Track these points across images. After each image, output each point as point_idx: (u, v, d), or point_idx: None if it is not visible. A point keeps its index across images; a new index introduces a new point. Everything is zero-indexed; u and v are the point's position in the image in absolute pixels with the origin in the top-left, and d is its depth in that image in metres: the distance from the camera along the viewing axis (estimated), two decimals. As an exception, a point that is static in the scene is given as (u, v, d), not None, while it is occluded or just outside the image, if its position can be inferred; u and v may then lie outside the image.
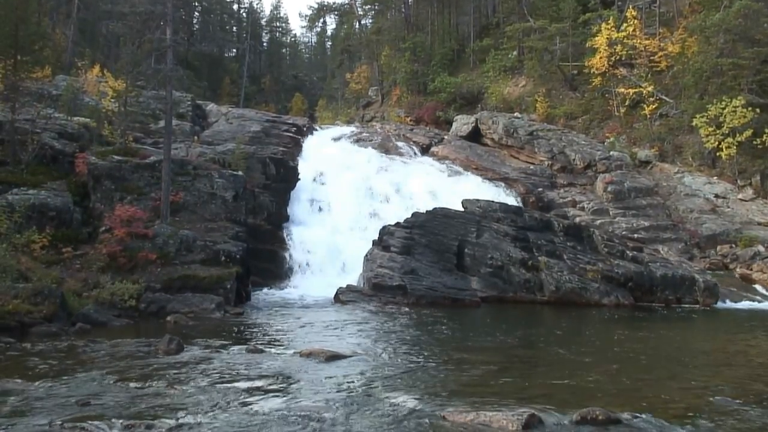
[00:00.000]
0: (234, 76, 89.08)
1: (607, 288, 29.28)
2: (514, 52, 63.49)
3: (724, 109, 40.56)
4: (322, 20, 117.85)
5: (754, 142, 40.05)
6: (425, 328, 21.25)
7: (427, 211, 32.43)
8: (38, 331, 18.48)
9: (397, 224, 31.59)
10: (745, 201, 40.08)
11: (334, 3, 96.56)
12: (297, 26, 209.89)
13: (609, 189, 40.90)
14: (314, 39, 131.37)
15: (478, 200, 34.00)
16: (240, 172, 32.14)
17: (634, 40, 51.31)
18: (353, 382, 13.26)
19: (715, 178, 42.09)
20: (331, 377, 13.58)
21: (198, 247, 26.01)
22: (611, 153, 44.71)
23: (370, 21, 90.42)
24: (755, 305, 30.34)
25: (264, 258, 32.10)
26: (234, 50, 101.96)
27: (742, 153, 41.04)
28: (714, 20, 44.15)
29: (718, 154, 41.73)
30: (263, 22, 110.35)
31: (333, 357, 15.52)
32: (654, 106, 47.38)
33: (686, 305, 29.52)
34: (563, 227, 32.35)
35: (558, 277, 29.18)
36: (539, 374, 15.07)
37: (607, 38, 51.69)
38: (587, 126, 51.63)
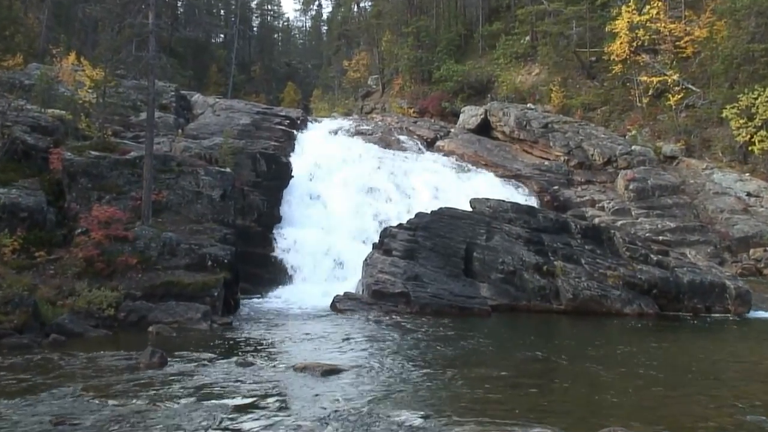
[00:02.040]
0: (221, 64, 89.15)
1: (630, 295, 29.22)
2: (527, 38, 63.53)
3: (756, 99, 40.51)
4: (317, 2, 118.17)
5: (790, 136, 40.06)
6: (430, 340, 21.21)
7: (432, 212, 32.40)
8: (8, 343, 18.43)
9: (400, 226, 31.59)
10: (781, 200, 40.06)
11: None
12: (290, 9, 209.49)
13: (631, 187, 40.86)
14: (309, 23, 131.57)
15: (487, 199, 33.96)
16: (228, 169, 32.12)
17: (658, 24, 51.30)
18: (352, 398, 13.23)
19: (748, 174, 42.02)
20: (327, 393, 13.55)
21: (182, 251, 25.98)
22: (633, 147, 44.66)
23: (370, 3, 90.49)
24: (791, 314, 30.31)
25: (254, 263, 32.09)
26: (221, 36, 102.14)
27: (776, 147, 41.01)
28: (745, 2, 44.13)
29: (750, 148, 41.68)
30: (253, 4, 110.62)
31: (330, 371, 15.49)
32: (680, 96, 47.33)
33: (716, 314, 29.45)
34: (581, 229, 32.31)
35: (575, 284, 29.13)
36: (555, 390, 15.04)
37: (628, 22, 51.66)
38: (607, 118, 51.63)
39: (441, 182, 40.84)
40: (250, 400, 12.96)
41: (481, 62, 65.90)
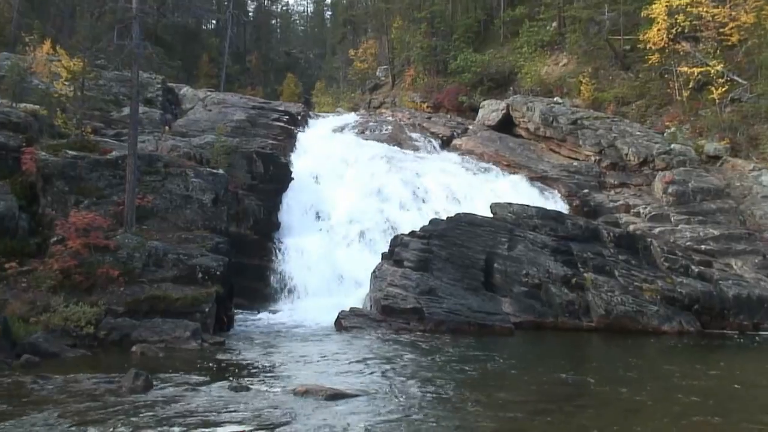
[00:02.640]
0: (213, 54, 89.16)
1: (668, 311, 29.17)
2: (554, 24, 63.51)
3: (810, 92, 40.39)
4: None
5: None
6: (446, 361, 21.19)
7: (448, 218, 32.43)
8: (-25, 364, 18.48)
9: (412, 233, 31.62)
10: (838, 205, 39.86)
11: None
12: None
13: (669, 190, 40.72)
14: (311, 8, 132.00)
15: (510, 204, 33.97)
16: (221, 171, 32.17)
17: (700, 9, 51.13)
18: (360, 426, 13.22)
19: (800, 176, 41.88)
20: (332, 420, 13.54)
21: (170, 262, 26.00)
22: (672, 146, 44.51)
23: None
24: None
25: (250, 275, 32.14)
26: (213, 22, 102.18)
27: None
28: (798, -17, 44.02)
29: (803, 147, 41.55)
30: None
31: (335, 395, 15.47)
32: (724, 89, 47.14)
33: (765, 332, 29.38)
34: (614, 237, 32.28)
35: (608, 298, 29.09)
36: (587, 417, 14.99)
37: (667, 6, 51.52)
38: (642, 113, 51.47)
39: (458, 185, 40.79)
40: (245, 428, 12.95)
41: (502, 51, 65.86)
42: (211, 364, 20.03)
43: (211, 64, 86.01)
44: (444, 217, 32.87)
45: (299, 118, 49.35)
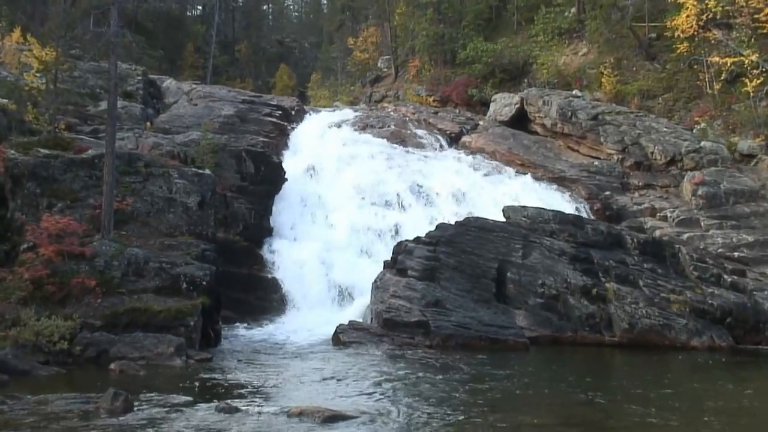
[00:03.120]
0: (199, 43, 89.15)
1: (698, 325, 29.13)
2: (572, 10, 63.47)
3: None
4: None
5: None
6: (455, 379, 21.18)
7: (456, 223, 32.44)
8: (-63, 383, 18.49)
9: (417, 240, 31.62)
10: None
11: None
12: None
13: (699, 192, 40.66)
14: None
15: (524, 207, 33.95)
16: (207, 171, 32.19)
17: (733, -7, 51.19)
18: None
19: (843, 177, 41.86)
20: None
21: (151, 271, 26.00)
22: (702, 144, 44.48)
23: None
24: None
25: (239, 285, 32.12)
26: (199, 8, 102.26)
27: None
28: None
29: None
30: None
31: (332, 417, 15.47)
32: (759, 81, 47.05)
33: (804, 348, 29.40)
34: (638, 243, 32.26)
35: (632, 311, 29.07)
36: (609, 442, 14.99)
37: (697, -10, 51.58)
38: (670, 108, 51.45)
39: (467, 186, 40.77)
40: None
41: (516, 40, 65.77)
42: (196, 383, 20.03)
43: (197, 54, 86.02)
44: (452, 222, 32.86)
45: (293, 113, 49.33)
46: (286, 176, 37.92)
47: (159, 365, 22.33)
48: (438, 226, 32.50)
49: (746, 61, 47.51)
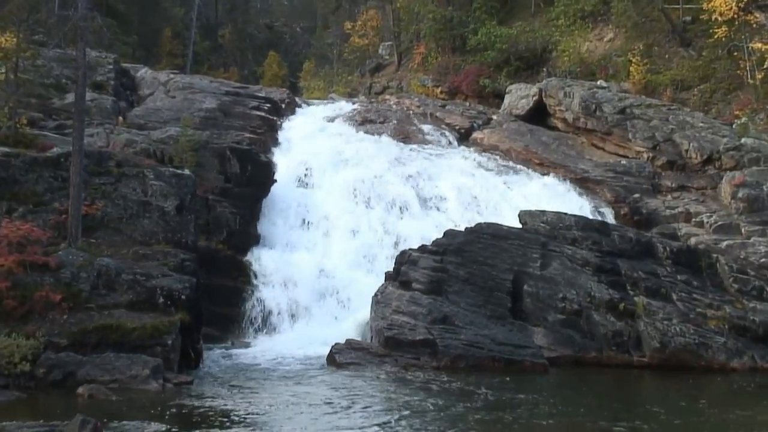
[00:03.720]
0: (178, 28, 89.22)
1: (738, 344, 29.12)
2: (597, -10, 63.54)
3: None
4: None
5: None
6: (467, 407, 21.15)
7: (467, 229, 32.44)
8: None
9: (423, 248, 31.60)
10: None
11: None
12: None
13: (740, 194, 40.60)
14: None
15: (543, 212, 33.95)
16: (187, 171, 32.17)
17: (777, -29, 51.22)
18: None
19: None
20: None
21: (124, 284, 25.94)
22: (743, 140, 44.42)
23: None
24: None
25: (222, 299, 32.16)
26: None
27: None
28: None
29: None
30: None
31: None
32: (807, 70, 47.22)
33: None
34: (671, 252, 32.27)
35: (664, 328, 29.06)
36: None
37: (736, -32, 51.61)
38: (707, 100, 51.45)
39: (479, 188, 40.80)
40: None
41: (533, 24, 65.75)
42: (174, 410, 20.02)
43: (176, 41, 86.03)
44: (462, 228, 32.85)
45: (284, 106, 49.41)
46: (275, 177, 37.96)
47: (132, 389, 22.26)
48: (446, 233, 32.47)
49: (792, 48, 47.55)
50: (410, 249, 31.93)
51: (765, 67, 49.01)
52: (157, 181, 30.34)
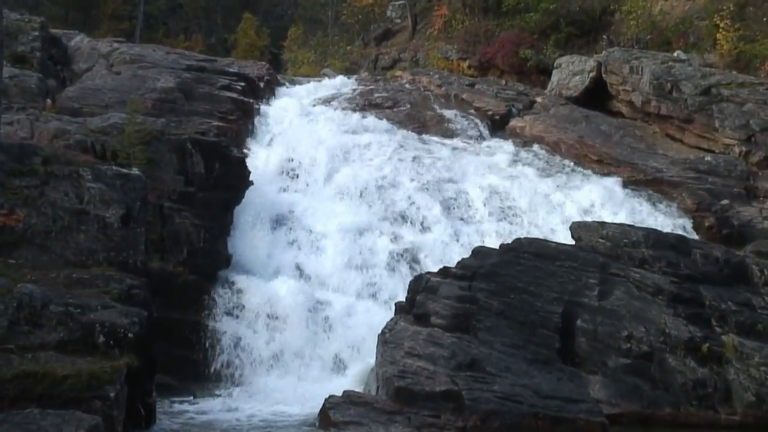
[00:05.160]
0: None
1: None
2: (673, -68, 63.72)
3: None
4: None
5: None
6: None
7: (502, 247, 32.37)
8: None
9: (445, 272, 31.50)
10: None
11: None
12: None
13: None
14: None
15: (602, 225, 33.90)
16: (135, 170, 32.23)
17: None
18: None
19: None
20: None
21: (53, 318, 25.88)
22: None
23: None
24: None
25: (183, 339, 32.22)
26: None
27: None
28: None
29: None
30: None
31: None
32: None
33: None
34: (771, 277, 32.32)
35: (761, 377, 29.04)
36: None
37: None
38: (816, 78, 51.57)
39: (517, 193, 40.86)
40: None
41: (589, -22, 66.06)
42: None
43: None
44: (495, 246, 32.85)
45: (262, 85, 49.60)
46: (251, 179, 37.93)
47: (63, 457, 22.39)
48: (475, 252, 32.38)
49: None
50: (428, 273, 31.88)
51: None
52: (97, 183, 30.34)
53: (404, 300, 31.24)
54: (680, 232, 37.63)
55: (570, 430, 27.01)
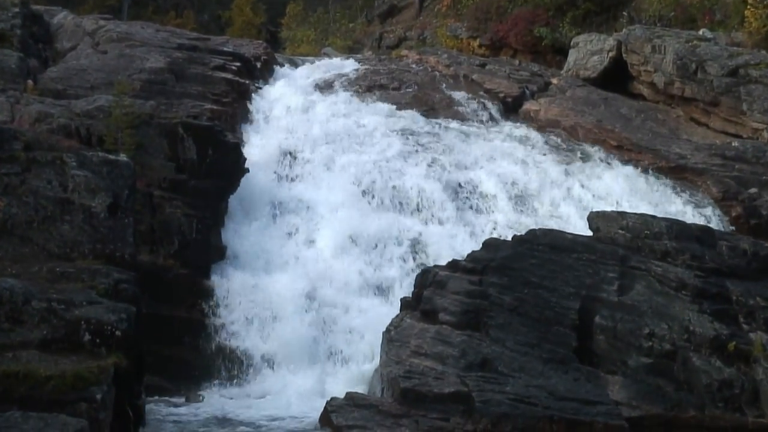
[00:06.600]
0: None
1: None
2: None
3: None
4: None
5: None
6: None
7: (515, 238, 32.32)
8: None
9: (454, 265, 31.50)
10: None
11: None
12: None
13: None
14: None
15: (622, 215, 33.83)
16: (123, 157, 32.26)
17: None
18: None
19: None
20: None
21: (35, 314, 25.89)
22: None
23: None
24: None
25: (173, 337, 32.22)
26: None
27: None
28: None
29: None
30: None
31: None
32: None
33: None
34: (803, 270, 32.31)
35: (792, 377, 29.11)
36: None
37: None
38: None
39: (531, 181, 40.82)
40: None
41: (609, -51, 65.99)
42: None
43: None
44: (508, 237, 32.84)
45: (259, 65, 49.54)
46: (246, 165, 37.90)
47: (47, 462, 22.42)
48: (486, 244, 32.39)
49: None
50: (436, 266, 31.88)
51: None
52: (82, 170, 30.30)
53: (410, 295, 31.23)
54: (705, 222, 37.58)
55: (588, 433, 27.09)
